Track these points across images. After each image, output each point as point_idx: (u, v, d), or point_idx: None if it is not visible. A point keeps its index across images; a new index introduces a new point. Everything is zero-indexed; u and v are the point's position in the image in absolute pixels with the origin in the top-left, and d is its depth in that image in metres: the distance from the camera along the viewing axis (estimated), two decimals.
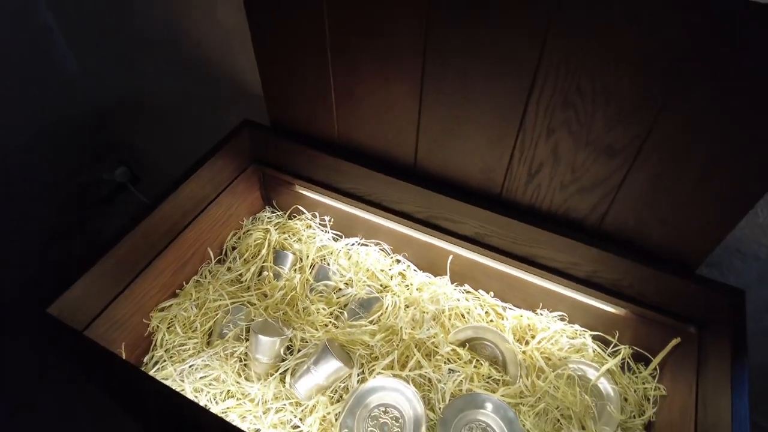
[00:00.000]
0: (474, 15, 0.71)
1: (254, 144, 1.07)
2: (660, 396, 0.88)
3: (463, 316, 1.02)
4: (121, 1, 1.15)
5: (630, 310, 0.90)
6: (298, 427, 0.86)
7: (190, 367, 0.92)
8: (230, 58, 1.11)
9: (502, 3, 0.68)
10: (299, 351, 0.94)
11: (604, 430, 0.86)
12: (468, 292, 1.05)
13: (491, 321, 1.02)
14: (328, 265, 1.09)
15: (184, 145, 1.40)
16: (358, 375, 0.91)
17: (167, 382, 0.87)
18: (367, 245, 1.12)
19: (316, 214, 1.14)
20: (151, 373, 0.92)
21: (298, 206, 1.15)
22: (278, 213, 1.19)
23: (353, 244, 1.13)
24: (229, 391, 0.90)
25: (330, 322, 0.99)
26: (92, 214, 1.59)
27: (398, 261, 1.10)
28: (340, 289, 1.06)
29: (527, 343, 0.97)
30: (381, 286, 1.06)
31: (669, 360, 0.89)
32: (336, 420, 0.86)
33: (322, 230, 1.15)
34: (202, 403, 0.87)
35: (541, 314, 1.01)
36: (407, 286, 1.07)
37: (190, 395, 0.88)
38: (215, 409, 0.87)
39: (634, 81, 0.67)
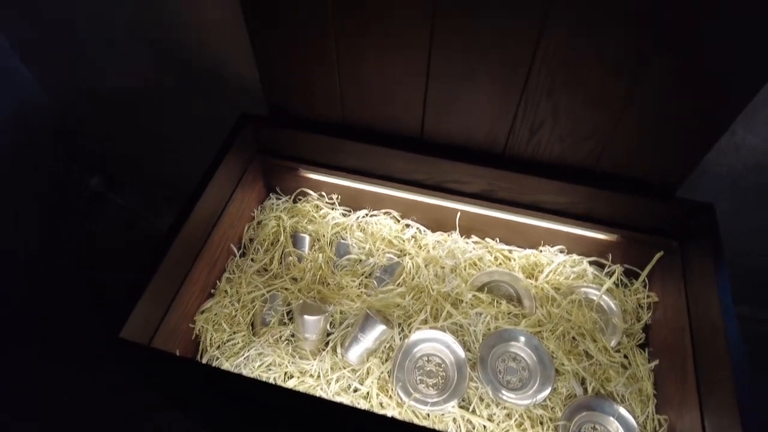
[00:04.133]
0: None
1: (257, 137, 1.08)
2: (653, 302, 1.04)
3: (476, 264, 1.13)
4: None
5: (621, 235, 1.04)
6: (359, 389, 0.95)
7: (245, 358, 0.97)
8: (212, 50, 1.09)
9: None
10: (341, 323, 1.02)
11: (611, 339, 1.02)
12: (476, 242, 1.16)
13: (500, 264, 1.14)
14: (344, 240, 1.16)
15: (165, 145, 1.37)
16: (399, 333, 1.01)
17: None
18: (376, 215, 1.19)
19: (323, 193, 1.19)
20: None
21: (303, 189, 1.19)
22: (283, 198, 1.22)
23: (364, 216, 1.19)
24: (287, 372, 0.97)
25: (362, 292, 1.07)
26: (71, 225, 1.53)
27: (408, 225, 1.18)
28: (361, 260, 1.13)
29: (536, 278, 1.11)
30: (398, 251, 1.15)
31: (657, 272, 1.05)
32: (389, 376, 0.96)
33: (331, 208, 1.20)
34: None
35: (543, 251, 1.14)
36: (421, 246, 1.16)
37: None
38: None
39: (626, 39, 0.76)
